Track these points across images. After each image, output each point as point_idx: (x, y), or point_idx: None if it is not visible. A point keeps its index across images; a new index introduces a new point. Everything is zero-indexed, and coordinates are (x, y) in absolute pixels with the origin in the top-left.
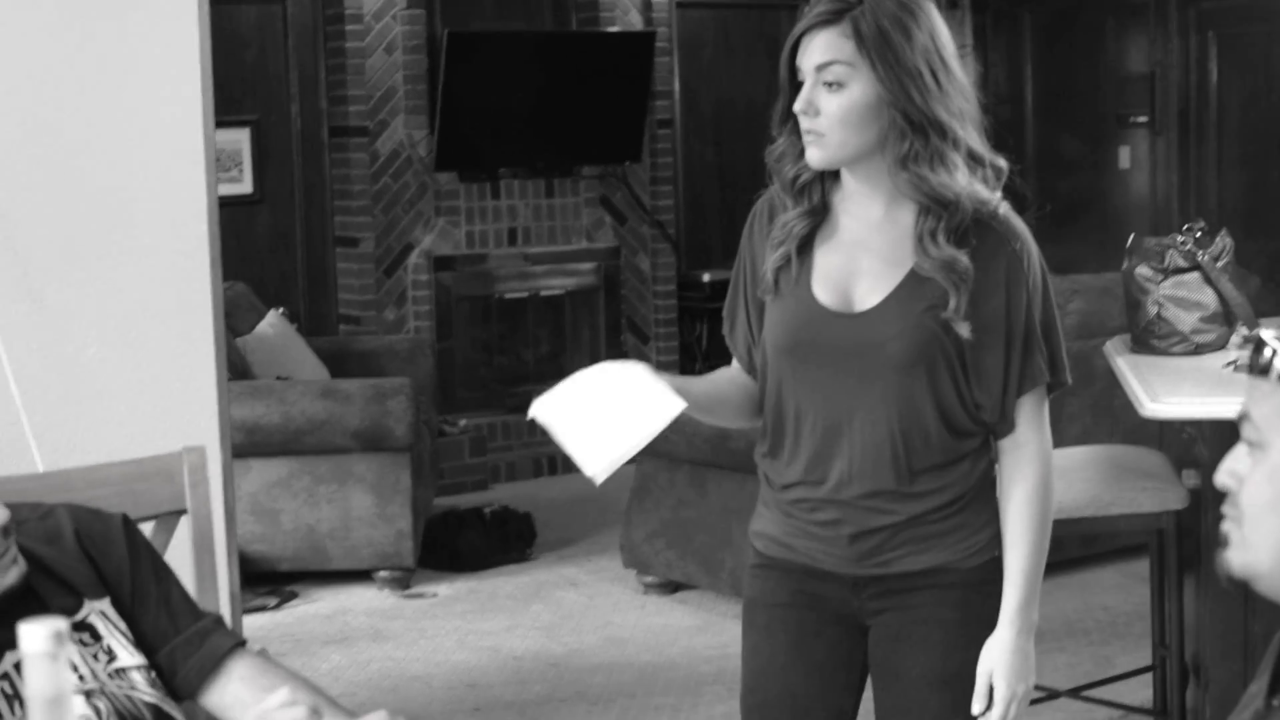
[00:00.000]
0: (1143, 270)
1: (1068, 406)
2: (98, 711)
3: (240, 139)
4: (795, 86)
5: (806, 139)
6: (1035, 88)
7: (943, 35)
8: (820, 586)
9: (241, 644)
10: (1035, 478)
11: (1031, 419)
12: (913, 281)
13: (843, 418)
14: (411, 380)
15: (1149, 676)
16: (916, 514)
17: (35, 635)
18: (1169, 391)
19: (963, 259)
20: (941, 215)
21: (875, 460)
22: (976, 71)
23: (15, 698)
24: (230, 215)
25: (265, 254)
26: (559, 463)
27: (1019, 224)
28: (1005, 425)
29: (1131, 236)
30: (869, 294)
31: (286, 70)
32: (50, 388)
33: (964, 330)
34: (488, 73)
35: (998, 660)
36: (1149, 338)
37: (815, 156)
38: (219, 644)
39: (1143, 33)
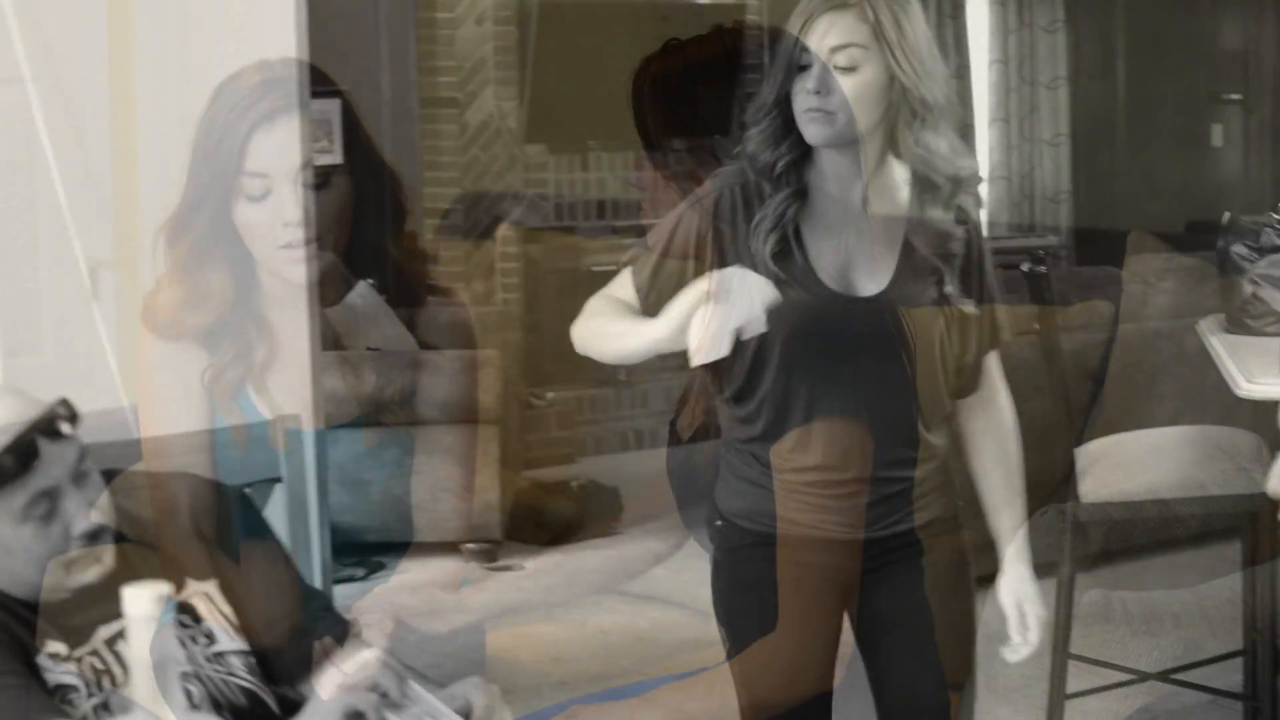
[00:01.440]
0: (1238, 249)
1: (1158, 387)
2: (189, 695)
3: (330, 109)
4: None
5: (811, 116)
6: (1126, 64)
7: (925, 27)
8: (821, 556)
9: (347, 631)
10: (1010, 425)
11: (997, 374)
12: (909, 259)
13: (865, 397)
14: (500, 352)
15: (1239, 661)
16: (922, 476)
17: (139, 598)
18: (1264, 372)
19: (959, 233)
20: (941, 188)
21: (897, 431)
22: (1068, 45)
23: (105, 672)
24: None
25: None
26: (646, 437)
27: None
28: (972, 384)
29: (1227, 215)
30: (871, 277)
31: (377, 41)
32: None
33: (968, 306)
34: (578, 44)
35: (1021, 591)
36: (1244, 317)
37: (819, 134)
38: (324, 633)
39: (1236, 8)
